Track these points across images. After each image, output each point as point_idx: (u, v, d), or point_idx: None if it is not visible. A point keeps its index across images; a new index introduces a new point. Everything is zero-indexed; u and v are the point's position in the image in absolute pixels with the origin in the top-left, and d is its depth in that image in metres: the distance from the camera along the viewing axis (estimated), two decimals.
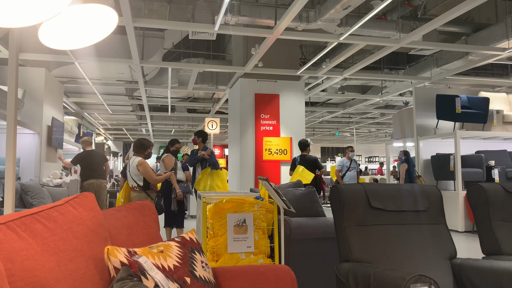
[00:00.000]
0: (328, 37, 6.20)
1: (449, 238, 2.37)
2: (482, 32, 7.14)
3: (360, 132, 20.51)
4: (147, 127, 16.67)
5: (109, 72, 8.89)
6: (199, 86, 9.35)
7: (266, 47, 6.39)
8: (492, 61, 7.48)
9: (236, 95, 8.30)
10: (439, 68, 8.41)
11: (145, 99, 10.36)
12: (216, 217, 3.25)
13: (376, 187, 2.42)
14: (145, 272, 1.17)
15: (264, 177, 3.21)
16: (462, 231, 6.87)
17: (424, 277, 1.63)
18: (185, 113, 13.21)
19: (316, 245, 3.43)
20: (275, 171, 7.84)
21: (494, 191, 2.49)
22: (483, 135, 7.50)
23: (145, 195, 4.59)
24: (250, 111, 7.91)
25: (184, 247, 1.43)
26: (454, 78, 8.94)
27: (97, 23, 1.30)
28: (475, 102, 7.56)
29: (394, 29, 6.54)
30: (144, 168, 4.50)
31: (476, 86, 9.57)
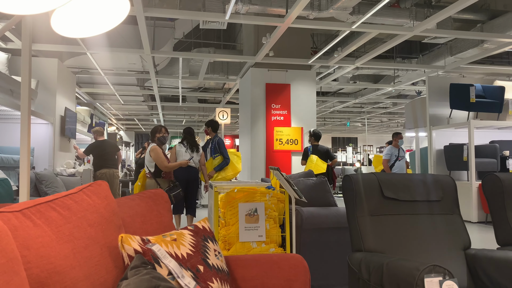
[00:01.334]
0: (340, 26, 6.12)
1: (463, 228, 2.34)
2: (498, 19, 6.97)
3: (371, 122, 20.33)
4: (158, 117, 16.76)
5: (121, 62, 8.92)
6: (210, 76, 9.34)
7: (277, 36, 6.33)
8: (508, 49, 7.31)
9: (247, 85, 8.27)
10: (453, 56, 8.25)
11: (156, 89, 10.39)
12: (227, 206, 3.26)
13: (389, 176, 2.40)
14: (159, 260, 1.18)
15: (276, 167, 3.20)
16: (475, 221, 6.80)
17: (438, 267, 1.61)
18: (196, 103, 13.23)
19: (327, 234, 3.42)
20: (286, 161, 7.83)
21: (510, 181, 2.45)
22: (498, 124, 7.37)
23: (154, 183, 4.52)
24: (261, 101, 7.89)
25: (197, 235, 1.43)
26: (469, 66, 8.76)
27: (109, 11, 1.30)
28: (490, 91, 7.42)
29: (407, 17, 6.42)
30: (156, 154, 4.47)
31: (491, 74, 9.38)
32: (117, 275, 1.18)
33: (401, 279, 1.67)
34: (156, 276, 1.05)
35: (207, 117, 16.62)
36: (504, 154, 7.18)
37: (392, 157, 7.34)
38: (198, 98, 13.14)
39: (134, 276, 1.05)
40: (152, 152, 4.49)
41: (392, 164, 7.30)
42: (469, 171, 7.02)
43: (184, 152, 5.37)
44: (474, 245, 2.43)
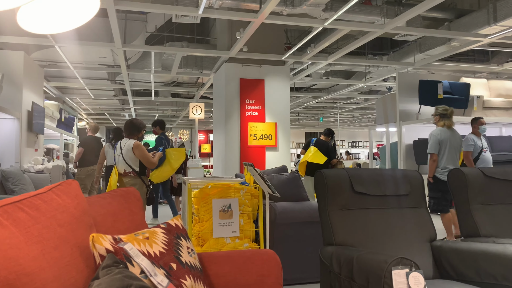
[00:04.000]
0: (313, 22, 6.18)
1: (430, 221, 2.43)
2: (464, 18, 7.20)
3: (344, 117, 20.66)
4: (130, 112, 16.46)
5: (91, 56, 8.70)
6: (183, 70, 9.24)
7: (251, 32, 6.33)
8: (474, 47, 7.57)
9: (220, 80, 8.24)
10: (422, 53, 8.48)
11: (128, 84, 10.20)
12: (201, 203, 3.26)
13: (359, 172, 2.46)
14: (131, 258, 1.17)
15: (250, 163, 3.22)
16: None
17: (405, 259, 1.67)
18: (169, 98, 13.07)
19: (300, 229, 3.48)
20: (261, 157, 7.86)
21: (474, 176, 2.56)
22: (464, 120, 7.63)
23: (140, 182, 4.23)
24: (235, 96, 7.88)
25: (169, 233, 1.43)
26: (437, 63, 9.03)
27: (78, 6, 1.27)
28: (456, 88, 7.68)
29: (378, 14, 6.54)
30: (141, 150, 4.15)
31: (457, 71, 9.70)
32: (88, 275, 1.17)
33: (370, 272, 1.72)
34: (128, 275, 1.05)
35: (181, 112, 16.46)
36: None
37: (476, 148, 5.80)
38: (171, 93, 12.98)
39: (105, 275, 1.04)
40: (136, 150, 4.16)
41: (476, 157, 5.82)
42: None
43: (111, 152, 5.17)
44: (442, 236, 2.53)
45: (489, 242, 2.17)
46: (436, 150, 4.89)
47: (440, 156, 4.91)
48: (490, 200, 2.53)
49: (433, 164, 4.93)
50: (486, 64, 9.29)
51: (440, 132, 4.96)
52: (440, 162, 4.91)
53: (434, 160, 4.91)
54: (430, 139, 5.00)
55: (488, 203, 2.52)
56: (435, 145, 4.90)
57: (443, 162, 4.90)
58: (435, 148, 4.89)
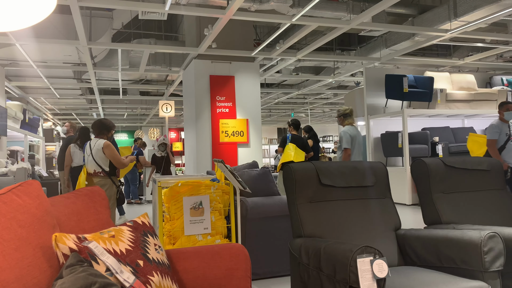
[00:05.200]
0: (280, 18, 6.22)
1: (394, 211, 2.52)
2: (427, 14, 7.44)
3: (314, 112, 20.93)
4: (98, 111, 16.08)
5: (55, 54, 8.43)
6: (152, 68, 9.11)
7: (219, 28, 6.31)
8: (436, 42, 7.83)
9: (190, 77, 8.17)
10: (388, 48, 8.69)
11: (95, 82, 9.96)
12: (172, 201, 3.24)
13: (326, 165, 2.52)
14: (96, 257, 1.17)
15: (220, 159, 3.23)
16: (409, 204, 7.27)
17: (370, 248, 1.73)
18: (137, 96, 12.85)
19: (272, 223, 3.52)
20: (232, 153, 7.87)
21: (435, 165, 2.66)
22: (428, 113, 7.90)
23: (110, 182, 4.20)
24: (205, 93, 7.84)
25: (136, 231, 1.43)
26: (402, 58, 9.28)
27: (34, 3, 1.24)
28: (421, 82, 7.91)
29: (344, 10, 6.66)
30: (112, 151, 4.13)
31: (422, 66, 10.00)
32: (51, 275, 1.15)
33: (337, 261, 1.77)
34: (93, 273, 1.05)
35: (150, 110, 16.22)
36: (434, 140, 7.73)
37: (502, 136, 5.30)
38: (140, 91, 12.77)
39: (69, 274, 1.03)
40: (106, 149, 4.14)
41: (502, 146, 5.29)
42: (403, 157, 7.48)
43: (78, 152, 5.14)
44: (408, 225, 2.62)
45: (449, 229, 2.27)
46: (349, 145, 5.22)
47: (351, 151, 5.28)
48: (450, 189, 2.64)
49: (347, 158, 5.25)
50: (449, 58, 9.63)
51: (350, 129, 5.32)
52: (351, 156, 5.28)
53: (348, 154, 5.23)
54: (343, 136, 5.29)
55: (449, 191, 2.63)
56: (349, 140, 5.22)
57: (353, 156, 5.27)
58: (349, 144, 5.22)
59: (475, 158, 2.79)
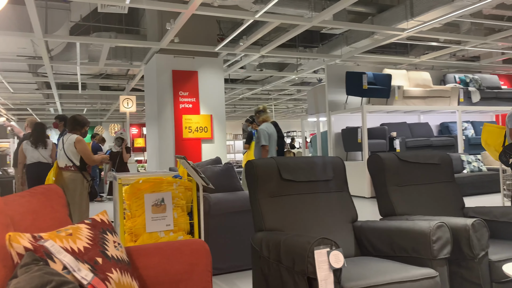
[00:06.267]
0: (243, 14, 6.24)
1: (351, 203, 2.61)
2: (385, 13, 7.68)
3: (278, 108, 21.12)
4: (55, 106, 15.48)
5: (8, 47, 8.03)
6: (112, 62, 8.87)
7: (181, 22, 6.25)
8: (394, 40, 8.11)
9: (152, 71, 8.04)
10: (349, 46, 8.91)
11: (52, 76, 9.58)
12: (133, 198, 3.21)
13: (287, 160, 2.58)
14: (52, 255, 1.15)
15: (182, 156, 3.22)
16: (369, 197, 7.52)
17: (326, 239, 1.80)
18: (97, 91, 12.48)
19: (235, 218, 3.56)
20: (196, 149, 7.83)
21: (390, 160, 2.79)
22: (386, 109, 8.18)
23: (81, 177, 4.35)
24: (168, 88, 7.74)
25: (94, 228, 1.42)
26: (362, 56, 9.54)
27: None
28: (379, 79, 8.18)
29: (307, 8, 6.76)
30: (83, 146, 4.28)
31: (381, 63, 10.33)
32: (6, 275, 1.13)
33: (295, 253, 1.83)
34: (49, 271, 1.04)
35: (111, 105, 15.81)
36: (392, 135, 8.03)
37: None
38: (99, 85, 12.41)
39: (24, 274, 1.02)
40: (78, 144, 4.29)
41: None
42: (362, 152, 7.72)
43: (31, 149, 5.13)
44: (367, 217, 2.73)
45: (402, 220, 2.39)
46: (267, 142, 5.45)
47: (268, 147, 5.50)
48: (404, 182, 2.77)
49: (266, 154, 5.45)
50: (406, 56, 10.00)
51: (267, 126, 5.53)
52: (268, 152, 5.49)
53: (266, 150, 5.44)
54: (261, 133, 5.49)
55: (402, 184, 2.76)
56: (266, 138, 5.44)
57: (269, 152, 5.49)
58: (267, 140, 5.45)
59: (427, 153, 2.94)
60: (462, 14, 6.63)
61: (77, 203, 4.29)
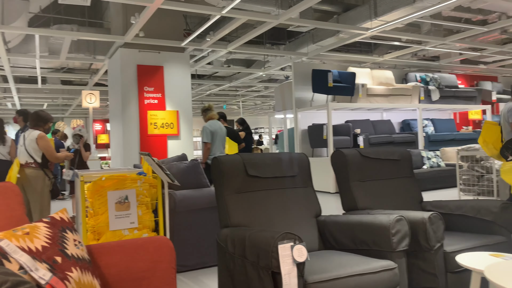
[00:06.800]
0: (210, 10, 6.19)
1: (315, 199, 2.67)
2: (350, 12, 7.84)
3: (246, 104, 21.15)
4: (13, 100, 14.81)
5: None
6: (74, 55, 8.58)
7: (147, 16, 6.12)
8: (358, 39, 8.30)
9: (116, 66, 7.84)
10: (315, 44, 9.04)
11: (9, 70, 9.16)
12: (95, 196, 3.13)
13: (253, 156, 2.59)
14: (8, 255, 1.11)
15: (146, 152, 3.17)
16: (333, 192, 7.69)
17: (290, 234, 1.83)
18: (59, 85, 12.03)
19: (201, 215, 3.54)
20: (162, 146, 7.72)
21: (352, 156, 2.86)
22: (351, 106, 8.37)
23: (43, 174, 4.22)
24: (133, 83, 7.58)
25: (54, 227, 1.38)
26: (328, 54, 9.71)
27: None
28: (344, 77, 8.36)
29: (273, 5, 6.79)
30: (46, 142, 4.17)
31: (346, 62, 10.55)
32: None
33: (260, 248, 1.85)
34: (4, 271, 1.00)
35: (73, 100, 15.29)
36: (356, 132, 8.23)
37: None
38: (61, 80, 11.97)
39: None
40: (40, 140, 4.17)
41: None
42: (328, 148, 7.87)
43: None
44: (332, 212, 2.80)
45: (364, 214, 2.46)
46: (209, 139, 5.53)
47: (211, 144, 5.57)
48: (366, 177, 2.86)
49: (207, 151, 5.55)
50: (370, 55, 10.26)
51: (211, 124, 5.61)
52: (211, 150, 5.57)
53: (208, 148, 5.54)
54: (204, 131, 5.59)
55: (364, 179, 2.85)
56: (208, 135, 5.53)
57: (213, 150, 5.57)
58: (209, 138, 5.53)
59: (387, 149, 3.04)
60: (423, 15, 6.87)
61: (38, 201, 4.14)
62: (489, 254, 2.08)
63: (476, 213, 2.62)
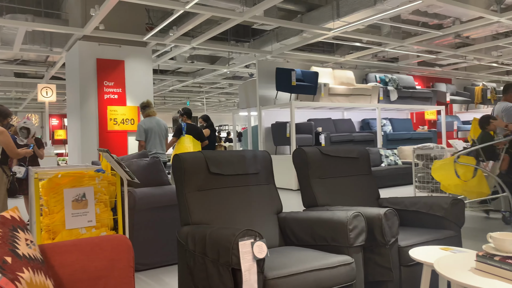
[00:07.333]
0: (173, 4, 6.10)
1: (277, 196, 2.70)
2: (314, 12, 7.97)
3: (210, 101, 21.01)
4: None
5: None
6: (29, 47, 8.20)
7: (107, 9, 5.95)
8: (321, 39, 8.45)
9: (74, 59, 7.57)
10: (279, 43, 9.12)
11: None
12: (51, 194, 3.01)
13: (215, 154, 2.59)
14: None
15: (105, 149, 3.09)
16: (295, 189, 7.80)
17: (251, 231, 1.85)
18: (12, 78, 11.46)
19: (162, 213, 3.49)
20: (122, 142, 7.54)
21: (313, 154, 2.92)
22: (313, 105, 8.52)
23: (1, 171, 4.04)
24: (92, 78, 7.34)
25: (4, 226, 1.32)
26: (292, 53, 9.82)
27: None
28: (307, 76, 8.49)
29: (238, 2, 6.79)
30: (6, 138, 3.94)
31: (309, 61, 10.71)
32: None
33: (220, 245, 1.86)
34: None
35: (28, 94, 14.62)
36: (318, 130, 8.39)
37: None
38: (14, 72, 11.40)
39: None
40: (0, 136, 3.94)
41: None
42: (291, 146, 7.97)
43: None
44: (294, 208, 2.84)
45: (323, 210, 2.52)
46: (143, 137, 5.55)
47: (147, 142, 5.58)
48: (325, 174, 2.92)
49: (141, 148, 5.59)
50: (332, 55, 10.47)
51: (145, 121, 5.62)
52: (147, 147, 5.59)
53: (141, 145, 5.57)
54: (137, 129, 5.62)
55: (324, 177, 2.91)
56: (142, 133, 5.54)
57: (149, 147, 5.59)
58: (142, 136, 5.55)
59: (347, 147, 3.12)
60: (383, 17, 7.09)
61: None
62: (440, 248, 2.19)
63: (429, 209, 2.75)
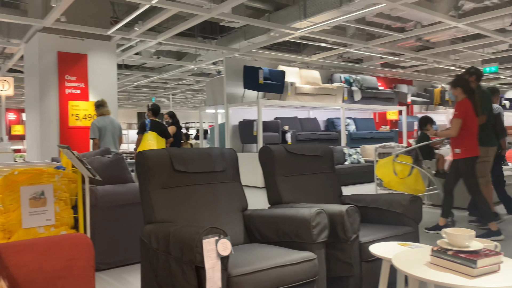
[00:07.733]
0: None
1: (242, 193, 2.71)
2: (281, 11, 8.03)
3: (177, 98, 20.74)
4: None
5: None
6: None
7: (69, 0, 5.74)
8: (288, 38, 8.53)
9: (33, 51, 7.26)
10: (247, 41, 9.13)
11: None
12: (6, 191, 2.89)
13: (180, 151, 2.56)
14: None
15: (66, 145, 2.99)
16: (261, 187, 7.85)
17: (215, 228, 1.85)
18: None
19: (125, 211, 3.42)
20: (84, 138, 7.31)
21: (278, 152, 2.95)
22: (280, 103, 8.59)
23: None
24: (52, 71, 7.07)
25: None
26: (259, 51, 9.86)
27: None
28: (274, 75, 8.54)
29: None
30: None
31: (276, 60, 10.79)
32: None
33: (184, 243, 1.85)
34: None
35: None
36: (284, 129, 8.47)
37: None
38: None
39: None
40: None
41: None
42: (258, 144, 8.01)
43: None
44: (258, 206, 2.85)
45: (287, 208, 2.55)
46: (96, 136, 5.60)
47: (100, 140, 5.64)
48: (290, 172, 2.96)
49: (95, 147, 5.64)
50: (299, 54, 10.60)
51: (99, 120, 5.67)
52: (101, 145, 5.64)
53: (95, 143, 5.63)
54: (91, 127, 5.66)
55: (289, 174, 2.95)
56: (95, 131, 5.60)
57: (102, 145, 5.65)
58: (96, 134, 5.60)
59: (311, 146, 3.18)
60: (348, 19, 7.24)
61: None
62: (398, 244, 2.27)
63: (389, 206, 2.84)
